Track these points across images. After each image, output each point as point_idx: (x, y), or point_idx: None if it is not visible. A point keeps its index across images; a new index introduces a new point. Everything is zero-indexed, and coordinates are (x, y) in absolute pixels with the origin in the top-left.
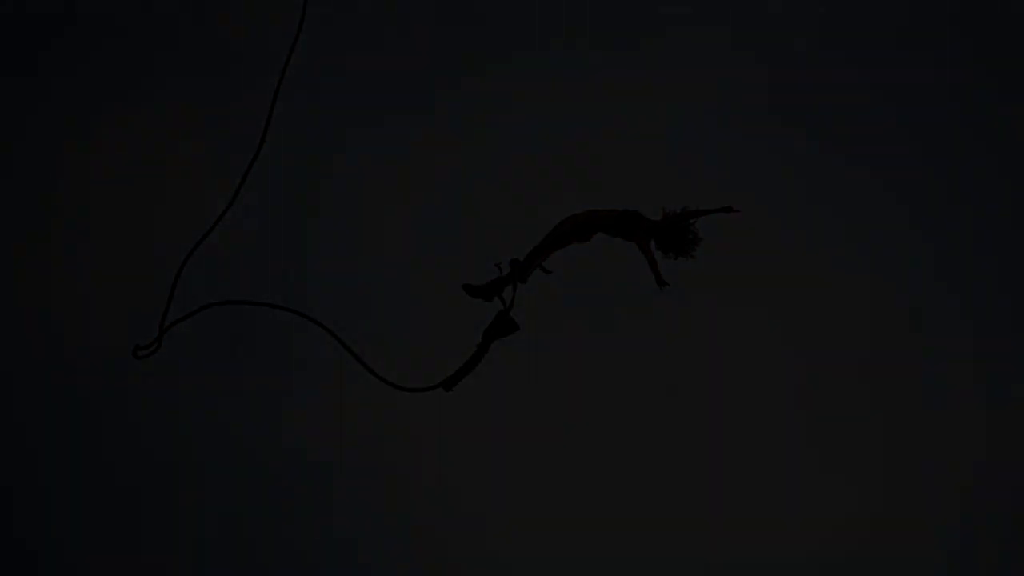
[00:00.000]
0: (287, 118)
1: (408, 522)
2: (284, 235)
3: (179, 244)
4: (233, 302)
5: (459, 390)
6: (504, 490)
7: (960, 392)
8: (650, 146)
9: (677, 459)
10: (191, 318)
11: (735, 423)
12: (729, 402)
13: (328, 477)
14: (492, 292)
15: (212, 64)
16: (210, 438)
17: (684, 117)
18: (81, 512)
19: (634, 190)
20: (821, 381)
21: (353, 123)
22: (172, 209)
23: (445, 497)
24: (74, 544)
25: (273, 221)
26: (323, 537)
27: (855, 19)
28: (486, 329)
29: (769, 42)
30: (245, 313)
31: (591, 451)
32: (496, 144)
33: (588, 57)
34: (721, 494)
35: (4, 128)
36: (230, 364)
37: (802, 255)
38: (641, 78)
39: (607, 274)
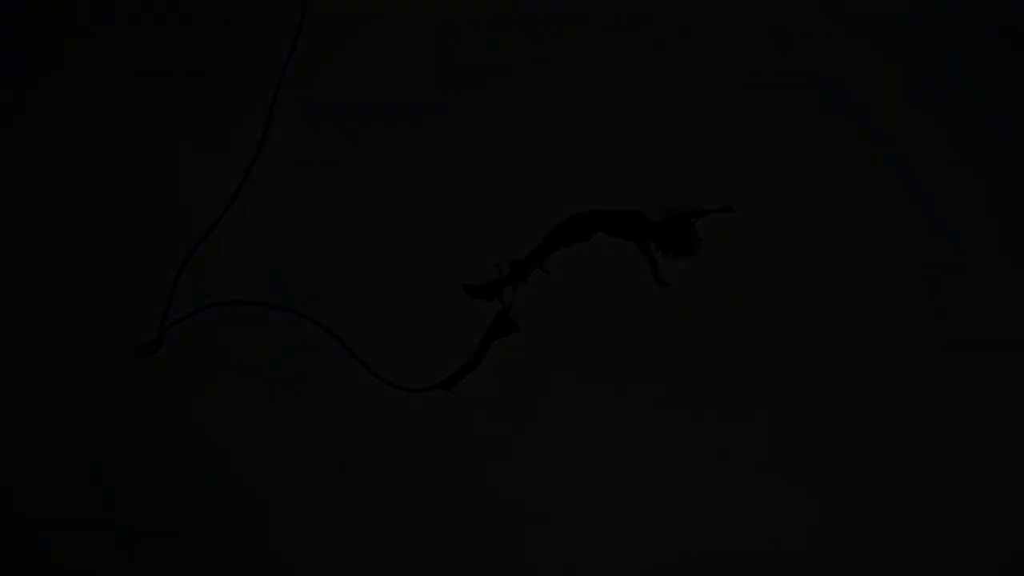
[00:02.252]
0: (288, 117)
1: (407, 522)
2: (284, 235)
3: (179, 244)
4: (233, 302)
5: (458, 390)
6: (503, 490)
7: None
8: (650, 146)
9: (678, 460)
10: (191, 318)
11: (736, 424)
12: (730, 402)
13: (329, 478)
14: (492, 292)
15: (212, 63)
16: (210, 439)
17: (685, 117)
18: (80, 513)
19: (634, 190)
20: (822, 380)
21: (354, 123)
22: (172, 209)
23: (444, 497)
24: (73, 545)
25: (274, 221)
26: (322, 537)
27: (858, 20)
28: (486, 330)
29: (772, 42)
30: (245, 313)
31: (591, 452)
32: (496, 143)
33: (588, 56)
34: (725, 495)
35: (1, 128)
36: (230, 364)
37: (802, 255)
38: (642, 77)
39: (607, 274)
